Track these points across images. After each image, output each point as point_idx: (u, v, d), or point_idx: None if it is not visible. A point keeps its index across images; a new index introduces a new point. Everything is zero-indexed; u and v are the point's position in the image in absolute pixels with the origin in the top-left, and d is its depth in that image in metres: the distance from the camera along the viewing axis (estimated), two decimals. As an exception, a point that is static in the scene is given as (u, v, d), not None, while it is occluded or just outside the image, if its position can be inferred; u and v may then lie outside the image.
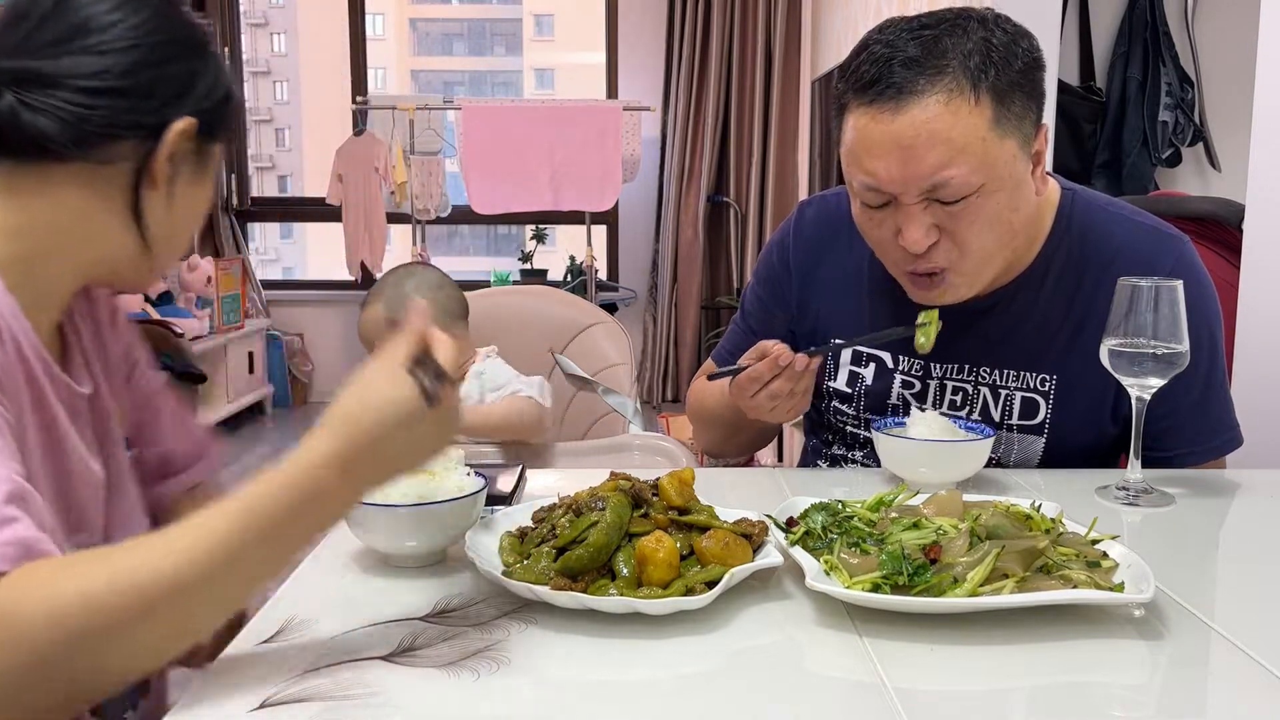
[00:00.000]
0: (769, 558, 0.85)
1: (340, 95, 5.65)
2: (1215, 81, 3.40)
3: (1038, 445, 1.25)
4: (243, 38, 5.78)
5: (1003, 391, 1.25)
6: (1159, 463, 1.22)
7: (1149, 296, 1.03)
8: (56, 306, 0.83)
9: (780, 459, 3.50)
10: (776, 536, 0.88)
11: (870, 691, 0.68)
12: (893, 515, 0.90)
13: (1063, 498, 0.97)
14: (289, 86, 14.70)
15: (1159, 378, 1.05)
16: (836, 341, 1.32)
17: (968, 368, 1.26)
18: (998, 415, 1.25)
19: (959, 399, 1.27)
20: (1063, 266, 1.23)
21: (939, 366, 1.27)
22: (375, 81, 8.12)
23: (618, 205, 5.26)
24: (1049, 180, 1.22)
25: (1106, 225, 1.24)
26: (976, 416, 1.26)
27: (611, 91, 5.60)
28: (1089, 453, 1.26)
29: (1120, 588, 0.79)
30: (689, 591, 0.78)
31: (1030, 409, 1.24)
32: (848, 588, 0.79)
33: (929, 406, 1.28)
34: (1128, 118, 3.39)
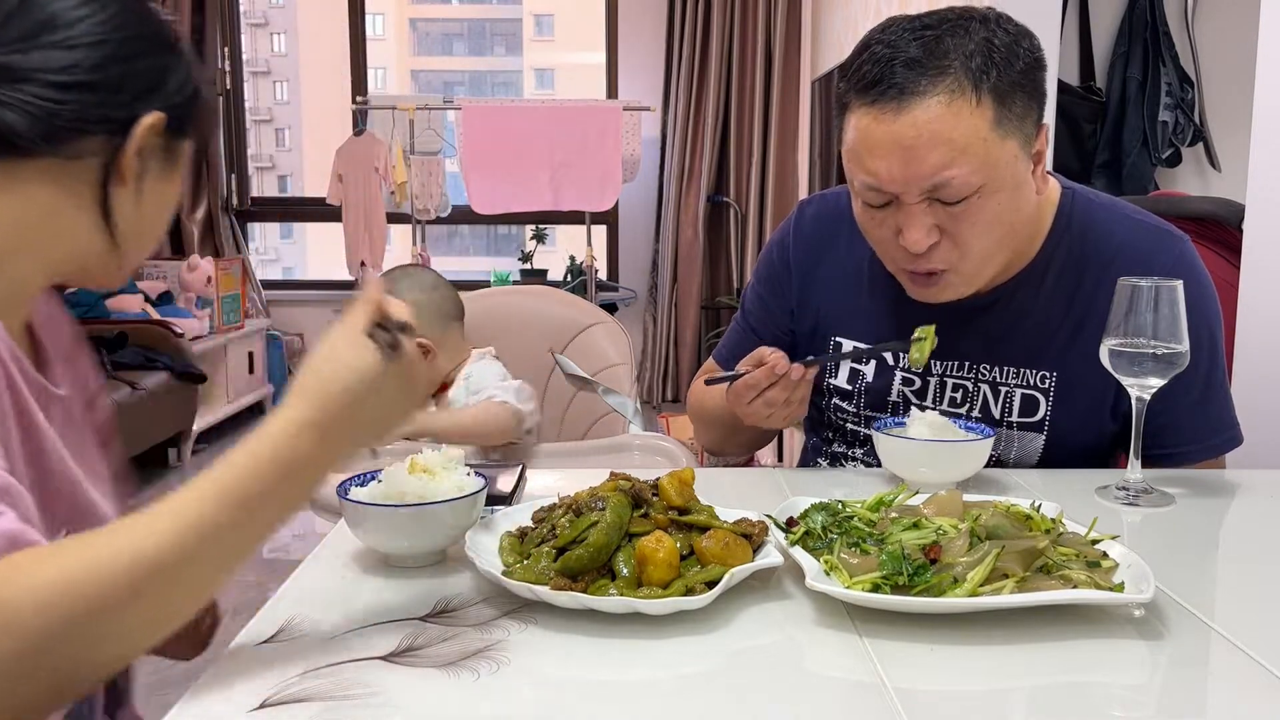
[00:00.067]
0: (769, 558, 0.85)
1: (340, 95, 5.64)
2: (1215, 81, 3.40)
3: (1037, 442, 1.25)
4: (243, 38, 5.78)
5: (1003, 389, 1.25)
6: (1158, 461, 1.22)
7: (1149, 296, 1.03)
8: (25, 306, 0.83)
9: (780, 459, 3.50)
10: (776, 536, 0.88)
11: (870, 691, 0.68)
12: (893, 515, 0.90)
13: (1063, 498, 0.97)
14: (289, 86, 14.71)
15: (1159, 378, 1.05)
16: (837, 344, 1.33)
17: (968, 365, 1.27)
18: (998, 412, 1.26)
19: (959, 396, 1.27)
20: (1063, 264, 1.23)
21: (939, 364, 1.27)
22: (375, 81, 8.12)
23: (618, 205, 5.26)
24: (1049, 179, 1.22)
25: (1107, 223, 1.24)
26: (976, 414, 1.26)
27: (611, 91, 5.59)
28: (1089, 450, 1.26)
29: (1120, 588, 0.79)
30: (689, 591, 0.79)
31: (1030, 406, 1.24)
32: (848, 588, 0.79)
33: (929, 404, 1.28)
34: (1128, 118, 3.39)
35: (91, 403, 0.94)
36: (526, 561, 0.83)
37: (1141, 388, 1.06)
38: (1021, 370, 1.25)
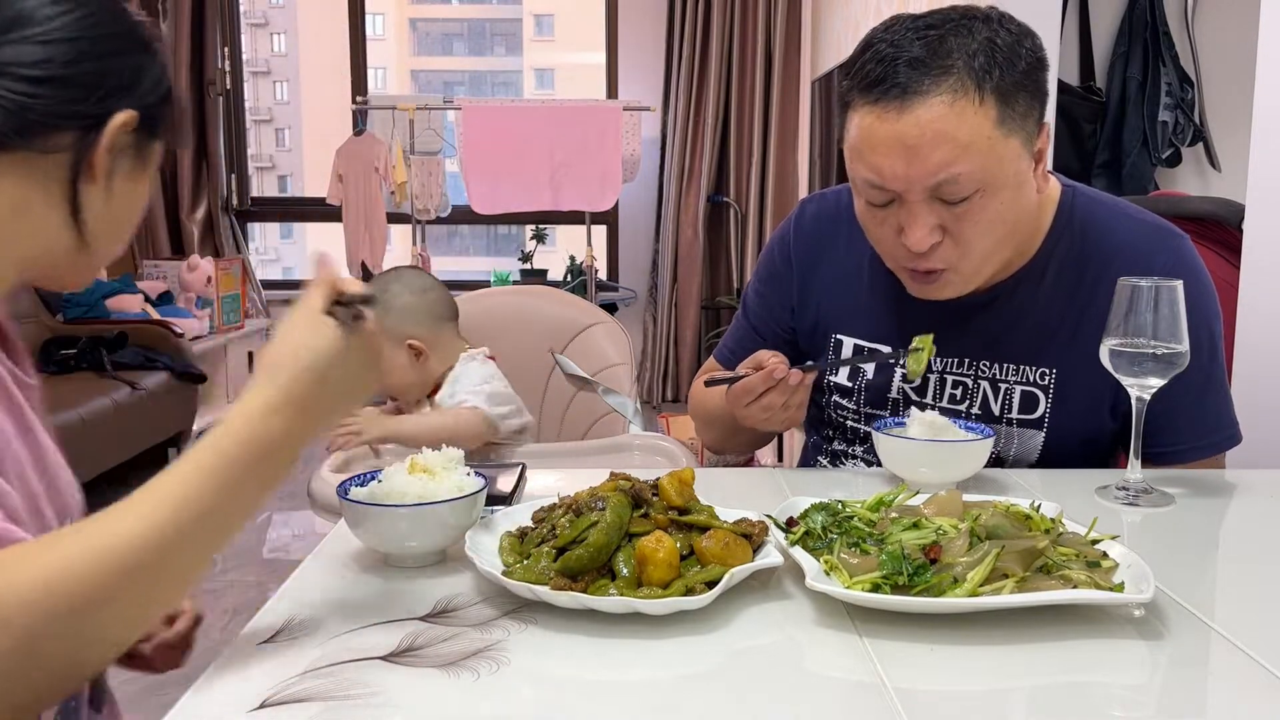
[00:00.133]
0: (769, 558, 0.85)
1: (340, 95, 5.64)
2: (1215, 81, 3.40)
3: (1037, 439, 1.25)
4: (243, 38, 5.78)
5: (1002, 385, 1.26)
6: (1157, 458, 1.22)
7: (1149, 296, 1.03)
8: None
9: (780, 459, 3.50)
10: (776, 536, 0.88)
11: (870, 691, 0.68)
12: (893, 515, 0.90)
13: (1063, 498, 0.97)
14: (289, 86, 14.71)
15: (1159, 378, 1.05)
16: (837, 341, 1.33)
17: (968, 361, 1.27)
18: (997, 409, 1.26)
19: (959, 393, 1.27)
20: (1063, 262, 1.24)
21: (939, 360, 1.28)
22: (375, 81, 8.12)
23: (618, 205, 5.26)
24: (1050, 178, 1.23)
25: (1106, 221, 1.24)
26: (976, 410, 1.27)
27: (611, 91, 5.59)
28: (1088, 447, 1.27)
29: (1120, 588, 0.79)
30: (689, 591, 0.79)
31: (1030, 403, 1.25)
32: (848, 588, 0.79)
33: (929, 401, 1.29)
34: (1128, 118, 3.39)
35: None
36: (526, 561, 0.83)
37: (1141, 388, 1.06)
38: (1021, 367, 1.25)
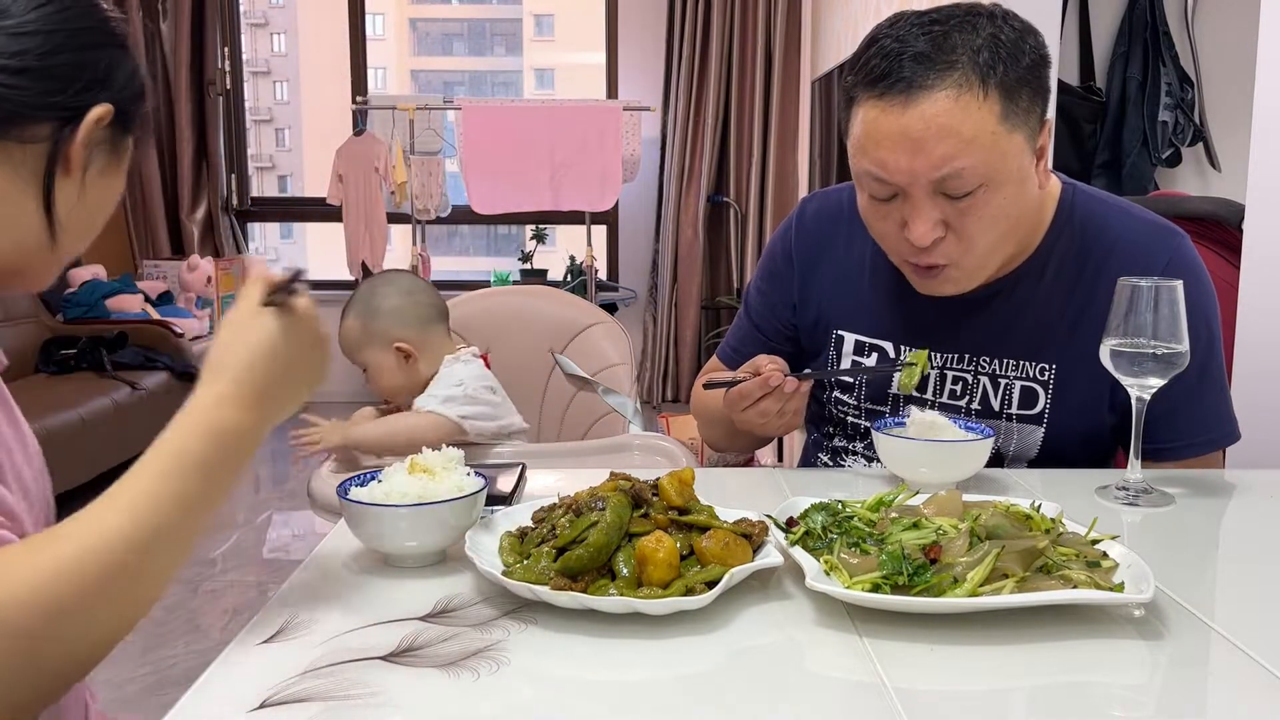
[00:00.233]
0: (769, 558, 0.85)
1: (340, 95, 5.64)
2: (1215, 81, 3.40)
3: (1037, 435, 1.26)
4: (243, 38, 5.78)
5: (1002, 381, 1.26)
6: (1154, 454, 1.22)
7: (1149, 296, 1.03)
8: None
9: (780, 459, 3.50)
10: (776, 536, 0.88)
11: (870, 691, 0.68)
12: (893, 515, 0.90)
13: (1063, 498, 0.97)
14: (289, 86, 14.70)
15: (1159, 378, 1.05)
16: (839, 337, 1.34)
17: (968, 357, 1.27)
18: (997, 405, 1.26)
19: (959, 389, 1.28)
20: (1063, 257, 1.24)
21: (939, 356, 1.28)
22: (375, 81, 8.11)
23: (618, 205, 5.26)
24: (1051, 174, 1.23)
25: (1106, 218, 1.25)
26: (976, 406, 1.27)
27: (611, 91, 5.59)
28: (1088, 443, 1.27)
29: (1120, 588, 0.79)
30: (689, 591, 0.78)
31: (1030, 398, 1.25)
32: (848, 588, 0.79)
33: (929, 396, 1.29)
34: (1128, 118, 3.39)
35: None
36: (526, 561, 0.83)
37: (1141, 388, 1.06)
38: (1021, 362, 1.25)
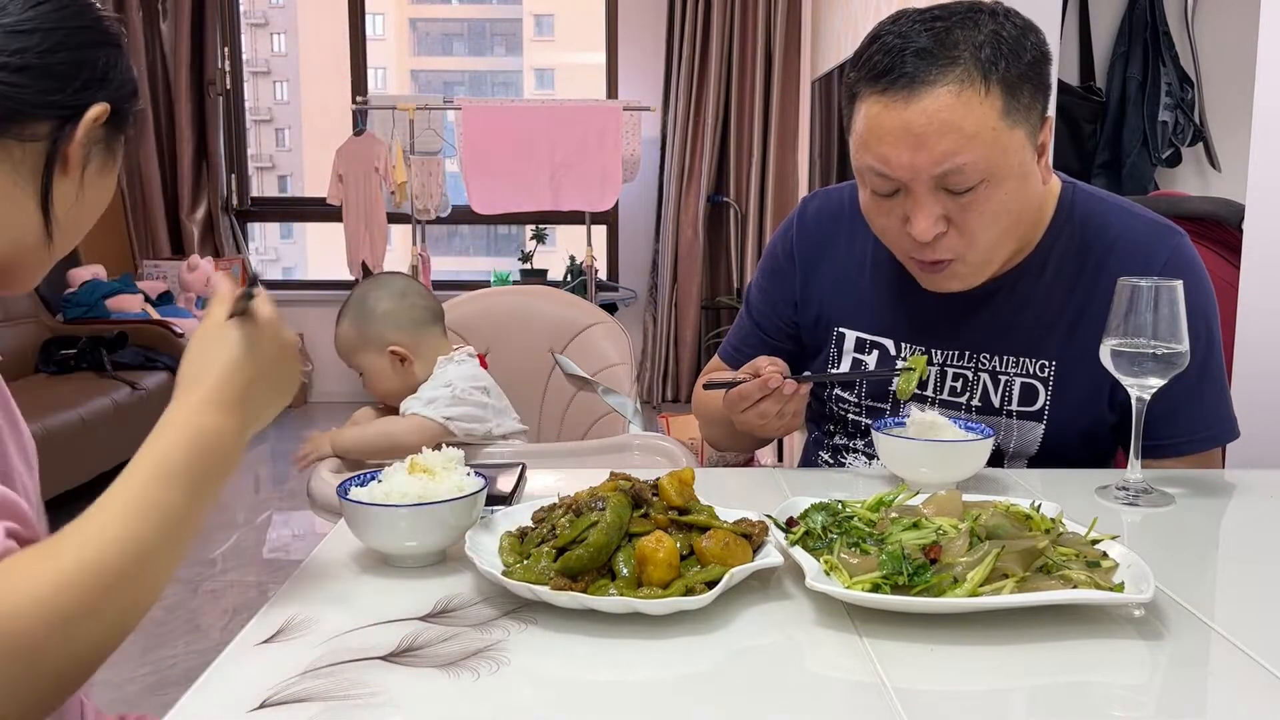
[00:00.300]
0: (769, 558, 0.85)
1: (340, 95, 5.64)
2: (1215, 81, 3.40)
3: (1037, 432, 1.26)
4: (243, 38, 5.78)
5: (1002, 378, 1.26)
6: (1153, 450, 1.22)
7: (1149, 296, 1.04)
8: None
9: (780, 459, 3.50)
10: (776, 536, 0.88)
11: (870, 691, 0.68)
12: (893, 515, 0.90)
13: (1063, 498, 0.97)
14: (289, 86, 14.69)
15: (1159, 378, 1.05)
16: (839, 334, 1.35)
17: (968, 354, 1.28)
18: (997, 401, 1.26)
19: (959, 385, 1.28)
20: (1063, 254, 1.25)
21: (940, 353, 1.29)
22: (375, 81, 8.12)
23: (618, 205, 5.26)
24: (1051, 171, 1.24)
25: (1106, 216, 1.26)
26: (976, 402, 1.27)
27: (611, 91, 5.59)
28: (1088, 440, 1.27)
29: (1120, 588, 0.79)
30: (689, 591, 0.78)
31: (1030, 395, 1.25)
32: (848, 588, 0.79)
33: (930, 393, 1.30)
34: (1128, 118, 3.39)
35: None
36: (526, 561, 0.83)
37: (1141, 388, 1.06)
38: (1021, 359, 1.26)
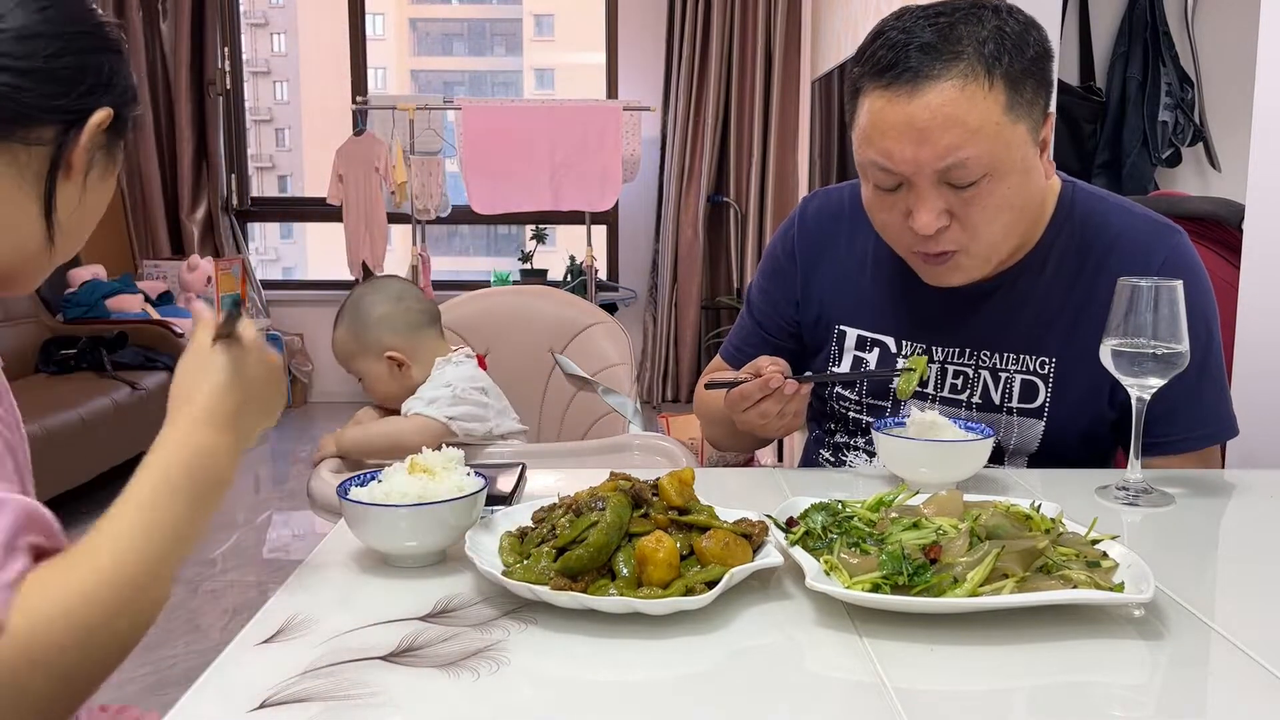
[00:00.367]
0: (769, 558, 0.85)
1: (340, 95, 5.65)
2: (1215, 81, 3.40)
3: (1037, 429, 1.26)
4: (243, 38, 5.78)
5: (1003, 375, 1.26)
6: (1152, 448, 1.21)
7: (1149, 296, 1.04)
8: None
9: (780, 459, 3.50)
10: (776, 536, 0.88)
11: (870, 691, 0.68)
12: (893, 515, 0.90)
13: (1063, 498, 0.97)
14: (289, 86, 14.69)
15: (1159, 378, 1.05)
16: (841, 333, 1.35)
17: (969, 351, 1.28)
18: (998, 398, 1.27)
19: (960, 382, 1.28)
20: (1063, 252, 1.25)
21: (940, 350, 1.29)
22: (375, 81, 8.12)
23: (618, 205, 5.26)
24: (1053, 167, 1.24)
25: (1105, 214, 1.26)
26: (977, 400, 1.28)
27: (611, 91, 5.59)
28: (1088, 437, 1.27)
29: (1120, 588, 0.79)
30: (689, 591, 0.78)
31: (1030, 392, 1.25)
32: (848, 588, 0.79)
33: (930, 390, 1.30)
34: (1128, 118, 3.39)
35: None
36: (526, 561, 0.83)
37: (1141, 388, 1.06)
38: (1021, 356, 1.26)
